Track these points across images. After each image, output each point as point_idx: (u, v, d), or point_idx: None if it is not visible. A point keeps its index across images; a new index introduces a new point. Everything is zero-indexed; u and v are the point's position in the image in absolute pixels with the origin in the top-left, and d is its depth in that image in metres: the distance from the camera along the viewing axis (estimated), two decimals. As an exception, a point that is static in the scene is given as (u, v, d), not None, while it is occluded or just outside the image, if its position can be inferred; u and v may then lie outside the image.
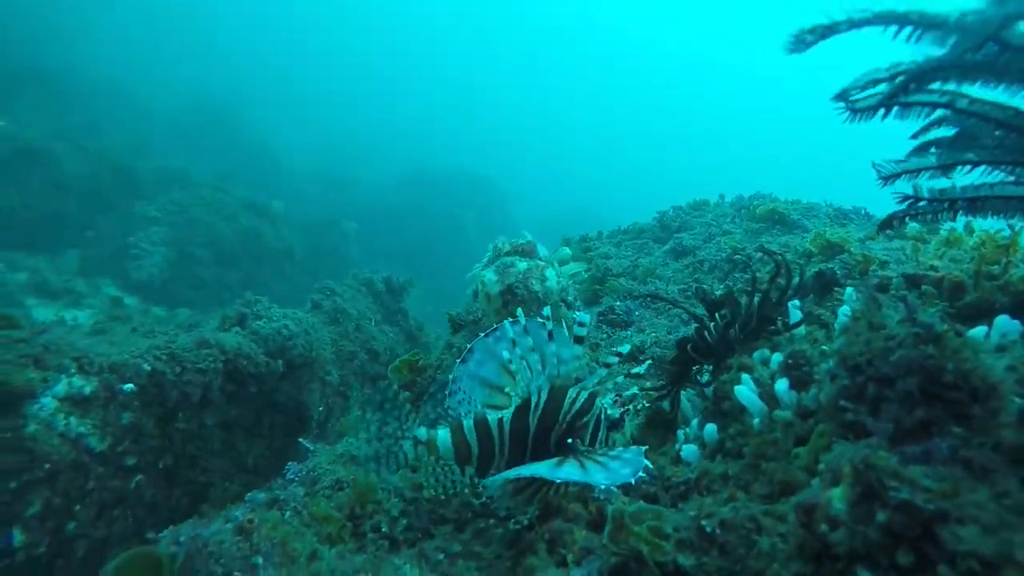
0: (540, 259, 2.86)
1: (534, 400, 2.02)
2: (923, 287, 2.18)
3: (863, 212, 4.48)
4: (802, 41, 1.68)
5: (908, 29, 1.45)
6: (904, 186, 2.15)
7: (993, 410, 1.30)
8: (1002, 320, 1.65)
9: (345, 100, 31.51)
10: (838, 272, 2.60)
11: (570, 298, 2.82)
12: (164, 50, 24.15)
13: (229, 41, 30.17)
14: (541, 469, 1.56)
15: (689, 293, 3.35)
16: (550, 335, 1.97)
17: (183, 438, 4.02)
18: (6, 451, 3.12)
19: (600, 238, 5.93)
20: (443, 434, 2.02)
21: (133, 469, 3.78)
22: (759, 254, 3.51)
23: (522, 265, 2.66)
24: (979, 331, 1.65)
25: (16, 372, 3.01)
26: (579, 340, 1.93)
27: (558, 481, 1.52)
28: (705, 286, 3.36)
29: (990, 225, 2.61)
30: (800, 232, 4.03)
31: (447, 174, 23.23)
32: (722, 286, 3.34)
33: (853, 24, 1.50)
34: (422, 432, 2.03)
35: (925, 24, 1.43)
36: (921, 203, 2.08)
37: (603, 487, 1.50)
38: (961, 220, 3.09)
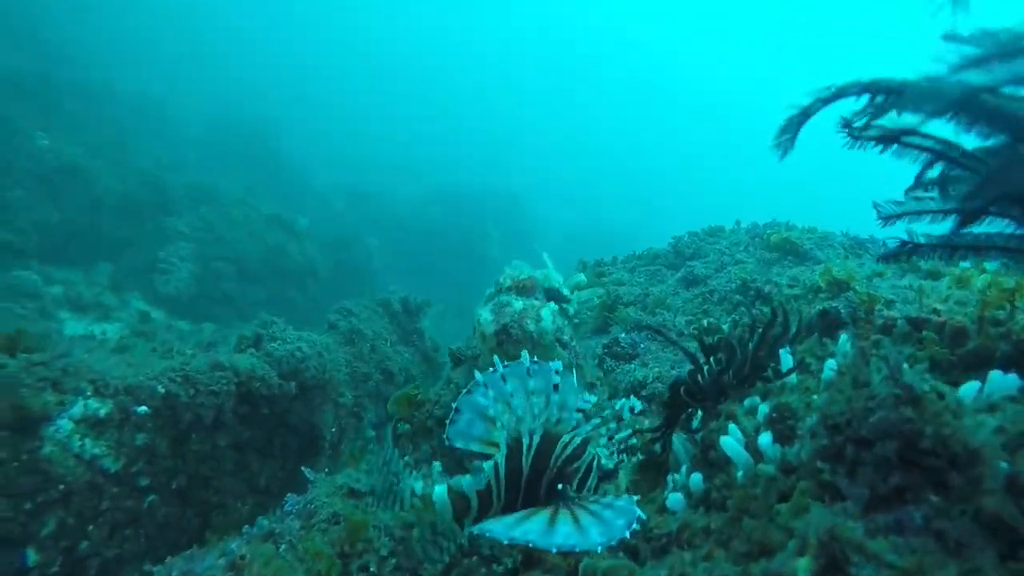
0: (538, 298, 2.87)
1: (526, 442, 2.03)
2: (924, 332, 2.14)
3: (881, 243, 4.36)
4: (781, 145, 1.70)
5: (880, 97, 1.45)
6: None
7: (974, 477, 1.27)
8: (995, 376, 1.61)
9: (372, 116, 32.08)
10: (842, 311, 2.56)
11: (565, 338, 2.83)
12: (195, 67, 24.92)
13: (264, 60, 31.01)
14: (532, 533, 1.55)
15: (694, 327, 3.33)
16: (555, 387, 2.01)
17: (196, 459, 4.10)
18: (22, 473, 3.23)
19: (615, 263, 5.92)
20: (439, 491, 2.02)
21: (146, 489, 3.87)
22: (767, 287, 3.47)
23: (518, 305, 2.68)
24: (971, 387, 1.61)
25: (33, 396, 3.12)
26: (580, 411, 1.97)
27: (553, 551, 1.50)
28: (708, 321, 3.33)
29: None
30: (812, 263, 3.97)
31: (472, 191, 23.42)
32: (728, 319, 3.31)
33: (825, 101, 1.51)
34: (418, 486, 2.04)
35: (892, 90, 1.42)
36: (920, 246, 2.07)
37: (600, 551, 1.48)
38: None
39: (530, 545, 1.48)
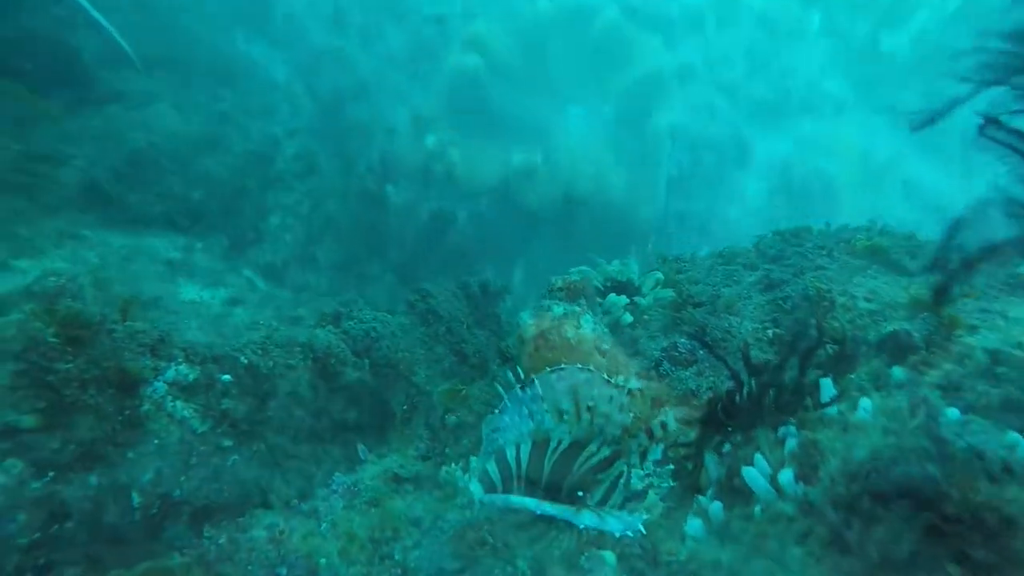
0: (580, 304, 2.84)
1: (552, 445, 2.06)
2: (999, 369, 1.93)
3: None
4: None
5: None
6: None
7: (1010, 552, 1.15)
8: (1065, 432, 1.43)
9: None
10: (915, 335, 2.36)
11: (605, 346, 2.78)
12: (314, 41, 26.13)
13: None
14: (529, 503, 1.61)
15: (759, 336, 3.18)
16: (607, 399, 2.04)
17: (273, 428, 4.44)
18: (126, 426, 3.65)
19: (694, 260, 5.74)
20: (475, 488, 2.13)
21: (229, 450, 4.25)
22: (842, 299, 3.23)
23: (558, 310, 2.67)
24: (1033, 441, 1.45)
25: (133, 360, 3.50)
26: None
27: (537, 512, 1.56)
28: (774, 332, 3.16)
29: None
30: (897, 274, 3.65)
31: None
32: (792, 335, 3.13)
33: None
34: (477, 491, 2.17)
35: None
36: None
37: (582, 527, 1.52)
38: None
39: (523, 507, 1.54)
